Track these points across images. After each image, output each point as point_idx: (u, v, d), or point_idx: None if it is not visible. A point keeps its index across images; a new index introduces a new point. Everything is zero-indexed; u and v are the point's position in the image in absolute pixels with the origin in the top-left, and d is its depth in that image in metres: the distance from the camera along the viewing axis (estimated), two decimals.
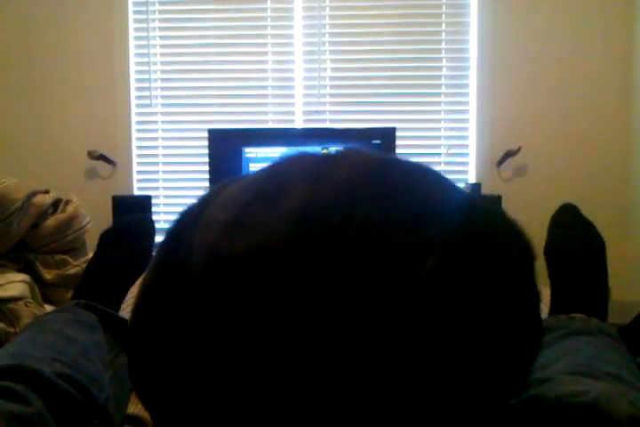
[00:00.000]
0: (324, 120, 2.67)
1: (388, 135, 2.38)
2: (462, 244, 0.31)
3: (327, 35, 2.64)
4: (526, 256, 0.35)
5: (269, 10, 2.65)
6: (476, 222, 0.33)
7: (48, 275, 1.47)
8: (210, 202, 0.36)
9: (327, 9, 2.63)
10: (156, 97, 2.70)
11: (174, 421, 0.34)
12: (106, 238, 1.01)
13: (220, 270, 0.31)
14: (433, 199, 0.34)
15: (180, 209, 0.39)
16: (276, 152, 2.40)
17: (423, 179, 0.36)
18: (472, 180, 2.60)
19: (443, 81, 2.65)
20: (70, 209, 1.57)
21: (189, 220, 0.36)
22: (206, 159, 2.39)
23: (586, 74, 2.53)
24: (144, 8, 2.65)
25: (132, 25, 2.67)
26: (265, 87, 2.68)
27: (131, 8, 2.66)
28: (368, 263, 0.29)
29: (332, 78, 2.66)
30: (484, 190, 2.46)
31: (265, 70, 2.67)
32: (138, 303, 0.36)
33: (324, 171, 0.34)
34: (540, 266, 0.95)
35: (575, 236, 0.95)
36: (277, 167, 0.37)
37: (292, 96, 2.68)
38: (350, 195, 0.32)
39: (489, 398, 0.32)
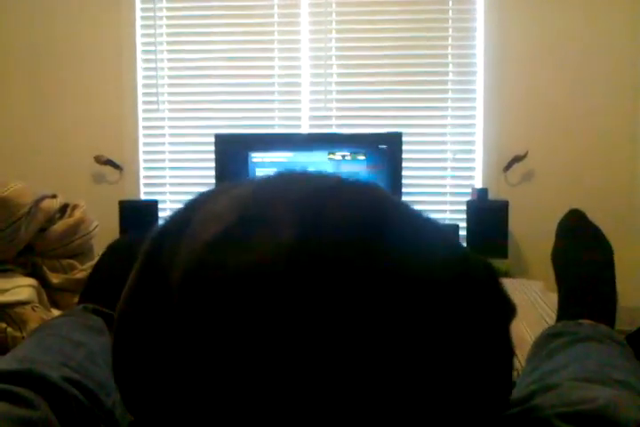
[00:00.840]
0: (331, 125, 2.67)
1: (394, 140, 2.38)
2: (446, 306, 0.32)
3: (333, 40, 2.65)
4: (503, 314, 0.36)
5: (276, 15, 2.66)
6: (464, 285, 0.34)
7: (55, 279, 1.47)
8: (196, 211, 0.37)
9: (333, 14, 2.63)
10: (163, 102, 2.71)
11: (154, 423, 0.35)
12: (115, 246, 1.00)
13: (197, 292, 0.31)
14: (429, 255, 0.34)
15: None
16: (283, 157, 2.41)
17: (420, 230, 0.36)
18: (479, 185, 2.60)
19: (449, 86, 2.65)
20: (77, 214, 1.58)
21: (174, 227, 0.37)
22: (213, 164, 2.39)
23: (593, 79, 2.53)
24: (151, 14, 2.67)
25: (139, 30, 2.68)
26: (271, 92, 2.69)
27: (138, 13, 2.67)
28: (350, 315, 0.30)
29: (338, 83, 2.67)
30: (491, 196, 2.46)
31: (271, 75, 2.68)
32: (121, 304, 0.37)
33: (314, 205, 0.34)
34: (549, 271, 0.95)
35: (582, 241, 0.94)
36: (265, 187, 0.37)
37: (298, 101, 2.68)
38: (341, 239, 0.32)
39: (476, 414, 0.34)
